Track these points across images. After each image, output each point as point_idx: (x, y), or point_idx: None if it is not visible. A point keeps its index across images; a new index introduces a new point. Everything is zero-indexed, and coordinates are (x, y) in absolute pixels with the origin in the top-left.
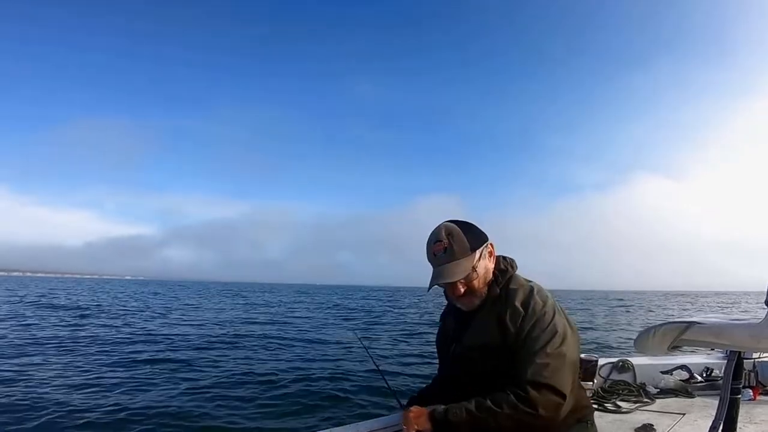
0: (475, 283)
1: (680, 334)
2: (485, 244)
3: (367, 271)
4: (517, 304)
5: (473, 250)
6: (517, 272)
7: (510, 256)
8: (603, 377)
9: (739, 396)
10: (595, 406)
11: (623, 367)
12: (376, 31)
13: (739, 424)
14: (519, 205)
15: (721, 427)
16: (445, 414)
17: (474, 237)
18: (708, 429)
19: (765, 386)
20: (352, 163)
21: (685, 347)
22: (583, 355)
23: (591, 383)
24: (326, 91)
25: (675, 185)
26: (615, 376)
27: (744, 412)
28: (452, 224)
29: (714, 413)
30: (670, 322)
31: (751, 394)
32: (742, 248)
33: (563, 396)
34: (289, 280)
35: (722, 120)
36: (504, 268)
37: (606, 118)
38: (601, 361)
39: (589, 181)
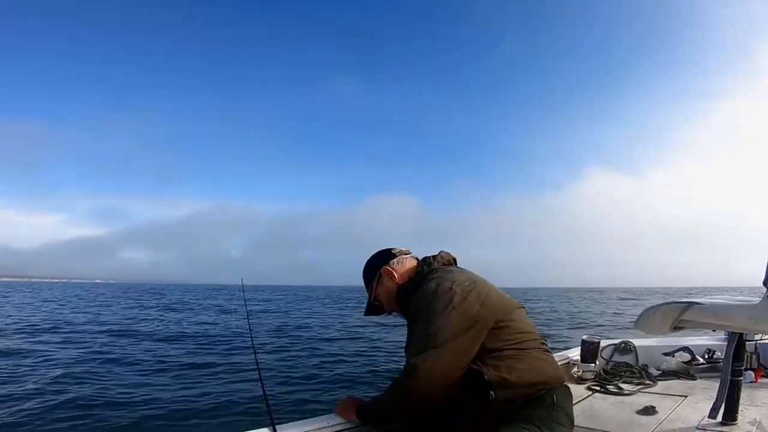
0: (386, 308)
1: (680, 314)
2: (377, 275)
3: (337, 271)
4: (412, 305)
5: (368, 284)
6: (436, 267)
7: (438, 252)
8: (605, 359)
9: (741, 378)
10: (597, 387)
11: (625, 348)
12: (346, 37)
13: (740, 407)
14: (479, 204)
15: (722, 409)
16: (365, 405)
17: (368, 272)
18: (709, 411)
19: (767, 368)
20: (307, 162)
21: (687, 328)
22: (584, 337)
23: (593, 365)
24: (288, 93)
25: (633, 181)
26: (617, 358)
27: (746, 394)
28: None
29: (716, 395)
30: (670, 302)
31: (753, 376)
32: (707, 243)
33: (427, 370)
34: (259, 281)
35: (682, 121)
36: (420, 269)
37: (569, 120)
38: (603, 343)
39: (550, 179)
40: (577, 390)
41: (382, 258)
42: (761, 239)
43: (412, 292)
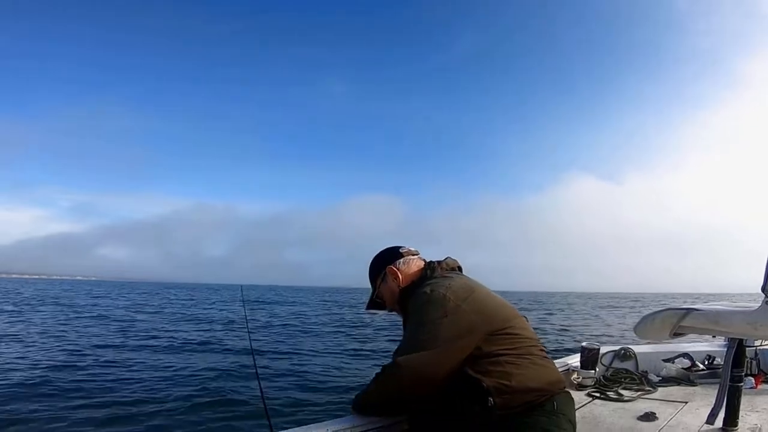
0: (387, 306)
1: (679, 321)
2: (382, 273)
3: (322, 271)
4: (408, 308)
5: (372, 280)
6: (439, 273)
7: (445, 258)
8: (605, 365)
9: (741, 384)
10: (597, 394)
11: (625, 355)
12: (334, 36)
13: (741, 413)
14: (460, 205)
15: (722, 415)
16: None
17: (374, 268)
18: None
19: (767, 374)
20: (289, 162)
21: (687, 335)
22: (584, 343)
23: (593, 371)
24: (270, 92)
25: (613, 187)
26: (617, 364)
27: (746, 400)
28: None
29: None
30: (669, 309)
31: (753, 382)
32: (681, 249)
33: (408, 369)
34: (240, 281)
35: (662, 128)
36: (424, 274)
37: (551, 122)
38: (603, 349)
39: (529, 182)
40: (577, 396)
41: (390, 256)
42: (744, 247)
43: (413, 295)
